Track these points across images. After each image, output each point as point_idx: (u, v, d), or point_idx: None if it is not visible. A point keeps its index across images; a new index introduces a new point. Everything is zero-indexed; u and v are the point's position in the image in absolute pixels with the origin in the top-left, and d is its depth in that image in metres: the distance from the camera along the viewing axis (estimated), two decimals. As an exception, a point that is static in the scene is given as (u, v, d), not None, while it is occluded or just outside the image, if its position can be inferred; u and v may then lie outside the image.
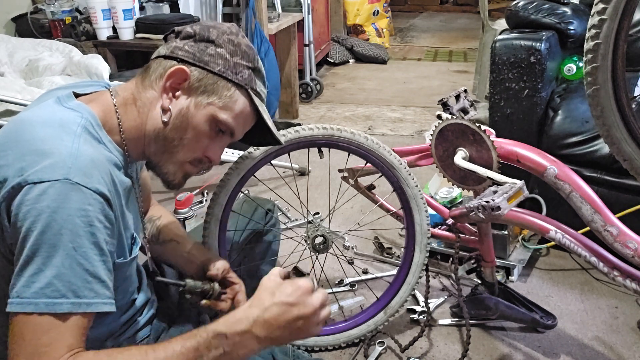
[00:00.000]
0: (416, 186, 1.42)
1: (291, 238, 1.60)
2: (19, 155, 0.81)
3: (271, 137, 1.08)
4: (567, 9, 1.99)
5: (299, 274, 0.98)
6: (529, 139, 1.85)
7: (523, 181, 1.14)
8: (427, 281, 1.53)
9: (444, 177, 1.38)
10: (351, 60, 5.05)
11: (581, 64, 2.01)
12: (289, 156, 1.44)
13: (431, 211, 1.61)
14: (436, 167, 1.39)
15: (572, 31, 1.97)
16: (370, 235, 2.07)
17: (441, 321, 1.66)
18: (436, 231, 1.67)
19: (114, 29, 2.71)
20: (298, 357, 1.18)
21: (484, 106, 2.40)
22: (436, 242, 1.90)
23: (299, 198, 1.71)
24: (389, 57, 5.10)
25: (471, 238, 1.57)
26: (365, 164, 1.46)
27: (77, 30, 2.68)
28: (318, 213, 2.28)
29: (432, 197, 1.86)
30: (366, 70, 4.80)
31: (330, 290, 1.78)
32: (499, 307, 1.55)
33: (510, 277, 1.83)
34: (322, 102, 3.91)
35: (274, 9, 3.33)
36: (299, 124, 2.18)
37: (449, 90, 2.42)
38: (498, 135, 1.38)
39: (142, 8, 2.93)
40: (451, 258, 1.46)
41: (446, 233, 1.68)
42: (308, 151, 1.43)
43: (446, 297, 1.76)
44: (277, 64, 3.28)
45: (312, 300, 0.89)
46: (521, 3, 2.02)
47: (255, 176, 1.41)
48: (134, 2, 2.70)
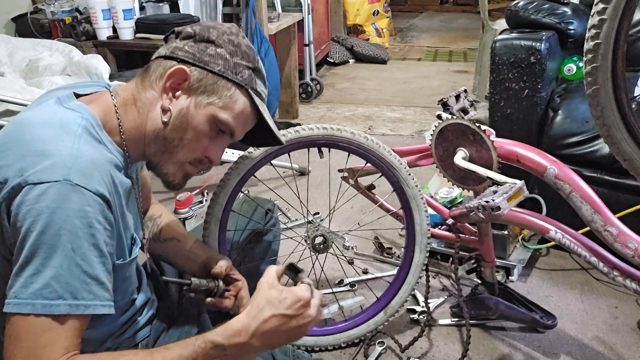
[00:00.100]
0: (416, 186, 1.42)
1: (291, 238, 1.60)
2: (19, 155, 0.81)
3: (272, 137, 1.08)
4: (567, 9, 1.99)
5: (295, 270, 1.01)
6: (529, 139, 1.85)
7: (523, 181, 1.14)
8: (427, 281, 1.53)
9: (444, 177, 1.38)
10: (351, 60, 5.05)
11: (581, 64, 2.01)
12: (289, 156, 1.44)
13: (431, 211, 1.61)
14: (436, 167, 1.39)
15: (572, 31, 1.97)
16: (370, 235, 2.07)
17: (441, 321, 1.66)
18: (436, 231, 1.67)
19: (114, 29, 2.71)
20: (298, 357, 1.18)
21: (484, 106, 2.40)
22: (436, 242, 1.90)
23: (299, 198, 1.71)
24: (389, 57, 5.10)
25: (471, 238, 1.57)
26: (365, 164, 1.46)
27: (77, 30, 2.68)
28: (318, 213, 2.28)
29: (432, 197, 1.86)
30: (366, 70, 4.80)
31: (330, 290, 1.78)
32: (499, 307, 1.55)
33: (510, 277, 1.83)
34: (322, 102, 3.91)
35: (274, 9, 3.33)
36: (299, 124, 2.18)
37: (449, 90, 2.42)
38: (498, 135, 1.38)
39: (142, 8, 2.93)
40: (451, 258, 1.46)
41: (446, 233, 1.68)
42: (308, 151, 1.43)
43: (446, 297, 1.76)
44: (277, 64, 3.28)
45: (311, 311, 0.91)
46: (521, 3, 2.02)
47: (255, 176, 1.41)
48: (134, 2, 2.70)
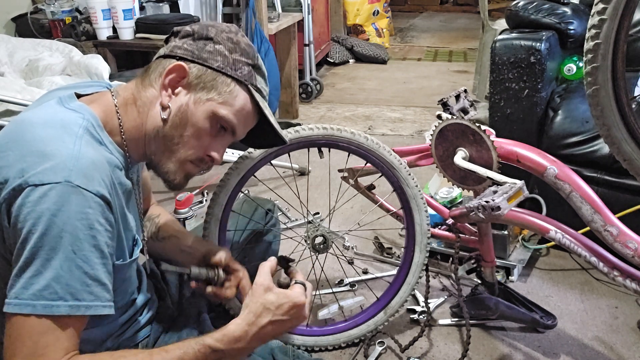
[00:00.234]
0: (416, 186, 1.42)
1: (291, 238, 1.60)
2: (20, 156, 0.81)
3: (274, 136, 1.08)
4: (567, 9, 1.99)
5: (285, 262, 1.07)
6: (529, 139, 1.85)
7: (523, 181, 1.14)
8: (427, 281, 1.53)
9: (444, 177, 1.38)
10: (351, 60, 5.05)
11: (581, 64, 2.01)
12: (289, 156, 1.44)
13: (431, 211, 1.61)
14: (436, 167, 1.39)
15: (572, 31, 1.97)
16: (370, 235, 2.07)
17: (441, 321, 1.66)
18: (436, 231, 1.67)
19: (114, 29, 2.71)
20: (298, 357, 1.18)
21: (484, 106, 2.40)
22: (436, 242, 1.90)
23: (299, 198, 1.71)
24: (389, 57, 5.10)
25: (471, 238, 1.57)
26: (365, 164, 1.46)
27: (77, 30, 2.68)
28: (318, 213, 2.28)
29: (432, 197, 1.86)
30: (366, 70, 4.80)
31: (330, 290, 1.78)
32: (499, 307, 1.55)
33: (510, 277, 1.83)
34: (322, 102, 3.91)
35: (274, 9, 3.33)
36: (299, 124, 2.18)
37: (449, 90, 2.42)
38: (498, 135, 1.38)
39: (142, 8, 2.93)
40: (451, 258, 1.46)
41: (446, 233, 1.68)
42: (308, 151, 1.42)
43: (446, 297, 1.76)
44: (277, 64, 3.28)
45: (305, 312, 0.98)
46: (521, 3, 2.02)
47: (255, 176, 1.41)
48: (134, 2, 2.70)
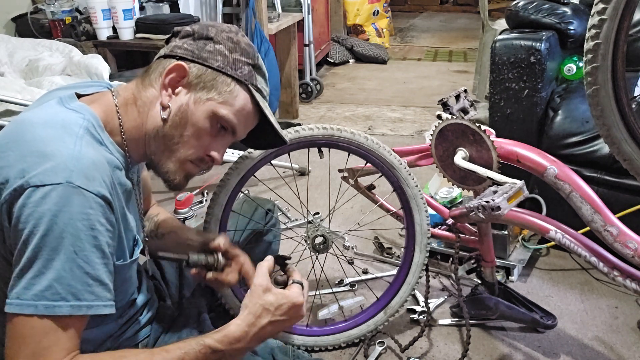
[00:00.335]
0: (416, 186, 1.42)
1: (291, 238, 1.60)
2: (20, 156, 0.81)
3: (275, 136, 1.08)
4: (567, 9, 1.99)
5: (282, 260, 1.09)
6: (529, 139, 1.85)
7: (523, 181, 1.14)
8: (427, 281, 1.53)
9: (444, 177, 1.38)
10: (351, 60, 5.05)
11: (581, 64, 2.01)
12: (289, 156, 1.44)
13: (431, 211, 1.61)
14: (436, 167, 1.39)
15: (572, 31, 1.97)
16: (370, 235, 2.07)
17: (441, 321, 1.66)
18: (436, 231, 1.67)
19: (114, 29, 2.71)
20: (298, 357, 1.18)
21: (484, 106, 2.40)
22: (436, 242, 1.90)
23: (299, 198, 1.71)
24: (389, 57, 5.10)
25: (471, 238, 1.57)
26: (365, 164, 1.46)
27: (77, 30, 2.68)
28: (318, 213, 2.28)
29: (432, 197, 1.86)
30: (366, 70, 4.80)
31: (330, 290, 1.78)
32: (499, 307, 1.55)
33: (510, 277, 1.83)
34: (322, 102, 3.91)
35: (274, 9, 3.33)
36: (299, 124, 2.18)
37: (449, 90, 2.42)
38: (498, 135, 1.38)
39: (142, 8, 2.93)
40: (451, 258, 1.46)
41: (446, 233, 1.68)
42: (308, 151, 1.43)
43: (446, 297, 1.76)
44: (277, 64, 3.28)
45: (302, 311, 0.99)
46: (521, 3, 2.02)
47: (255, 176, 1.41)
48: (134, 2, 2.70)
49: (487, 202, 1.09)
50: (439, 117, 1.36)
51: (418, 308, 1.68)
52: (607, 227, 1.17)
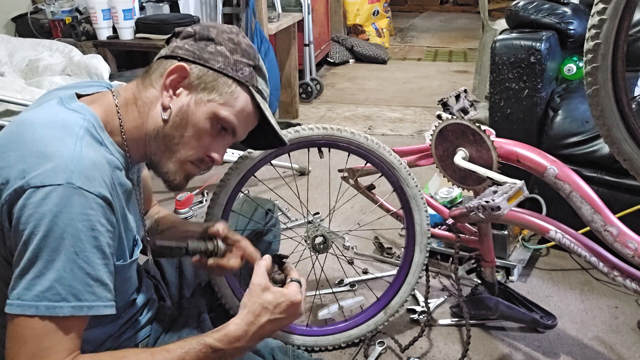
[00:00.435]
0: (416, 186, 1.42)
1: (291, 238, 1.60)
2: (21, 156, 0.81)
3: (275, 137, 1.08)
4: (567, 9, 1.99)
5: (280, 259, 1.09)
6: (529, 139, 1.85)
7: (523, 181, 1.14)
8: (427, 281, 1.53)
9: (444, 177, 1.38)
10: (351, 60, 5.05)
11: (581, 64, 2.01)
12: (289, 156, 1.44)
13: (431, 211, 1.61)
14: (436, 167, 1.39)
15: (572, 31, 1.97)
16: (370, 235, 2.07)
17: (441, 321, 1.66)
18: (436, 231, 1.67)
19: (114, 29, 2.71)
20: (298, 357, 1.18)
21: (484, 106, 2.40)
22: (436, 242, 1.90)
23: (299, 198, 1.71)
24: (389, 57, 5.10)
25: (471, 238, 1.57)
26: (365, 164, 1.46)
27: (77, 30, 2.68)
28: (318, 213, 2.28)
29: (432, 197, 1.86)
30: (366, 70, 4.80)
31: (330, 290, 1.78)
32: (499, 307, 1.55)
33: (510, 277, 1.83)
34: (322, 102, 3.91)
35: (274, 9, 3.33)
36: (299, 124, 2.18)
37: (449, 90, 2.42)
38: (498, 135, 1.38)
39: (142, 8, 2.93)
40: (451, 258, 1.46)
41: (446, 233, 1.68)
42: (308, 151, 1.43)
43: (446, 297, 1.76)
44: (277, 64, 3.28)
45: (302, 308, 1.01)
46: (521, 3, 2.02)
47: (255, 176, 1.41)
48: (134, 2, 2.70)
49: (487, 202, 1.09)
50: (439, 117, 1.36)
51: (418, 308, 1.68)
52: (607, 227, 1.17)
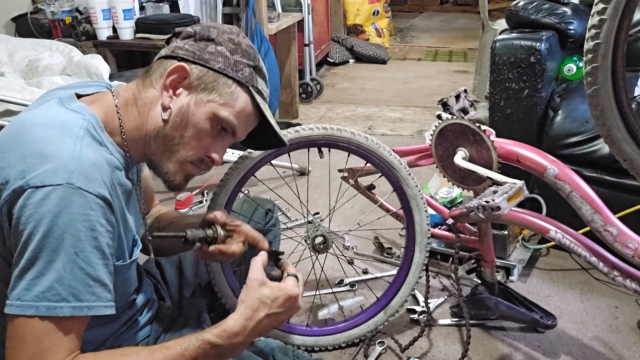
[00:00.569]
0: (416, 186, 1.42)
1: (291, 238, 1.60)
2: (20, 156, 0.81)
3: (274, 137, 1.08)
4: (567, 9, 1.99)
5: (275, 255, 1.10)
6: (529, 139, 1.85)
7: (523, 181, 1.14)
8: (427, 281, 1.53)
9: (444, 177, 1.38)
10: (351, 60, 5.05)
11: (581, 64, 2.01)
12: (289, 156, 1.44)
13: (431, 211, 1.61)
14: (436, 167, 1.39)
15: (572, 31, 1.97)
16: (370, 235, 2.07)
17: (441, 321, 1.66)
18: (436, 231, 1.67)
19: (114, 29, 2.71)
20: (298, 357, 1.18)
21: (484, 106, 2.40)
22: (436, 242, 1.90)
23: (299, 198, 1.71)
24: (389, 57, 5.10)
25: (471, 238, 1.57)
26: (365, 164, 1.46)
27: (77, 30, 2.68)
28: (318, 213, 2.28)
29: (432, 197, 1.86)
30: (366, 70, 4.80)
31: (330, 290, 1.78)
32: (499, 307, 1.55)
33: (510, 277, 1.83)
34: (322, 102, 3.91)
35: (274, 9, 3.33)
36: (299, 124, 2.18)
37: (449, 90, 2.42)
38: (498, 135, 1.38)
39: (142, 8, 2.93)
40: (451, 258, 1.46)
41: (446, 233, 1.68)
42: (308, 151, 1.43)
43: (446, 297, 1.76)
44: (277, 64, 3.28)
45: (299, 303, 1.01)
46: (521, 3, 2.02)
47: (255, 176, 1.41)
48: (134, 2, 2.70)
49: (487, 202, 1.09)
50: (439, 117, 1.36)
51: (418, 308, 1.68)
52: (607, 227, 1.17)
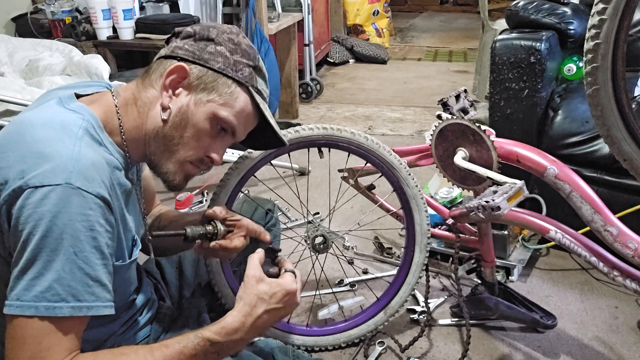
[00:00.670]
0: (416, 186, 1.42)
1: (291, 238, 1.60)
2: (20, 157, 0.81)
3: (274, 137, 1.08)
4: (567, 9, 1.99)
5: (273, 252, 1.10)
6: (529, 139, 1.85)
7: (523, 181, 1.14)
8: (427, 281, 1.53)
9: (444, 177, 1.38)
10: (351, 60, 5.05)
11: (581, 64, 2.01)
12: (289, 156, 1.44)
13: (431, 211, 1.61)
14: (436, 167, 1.39)
15: (572, 31, 1.97)
16: (370, 235, 2.07)
17: (441, 321, 1.66)
18: (436, 231, 1.67)
19: (114, 29, 2.71)
20: (298, 357, 1.18)
21: (484, 106, 2.40)
22: (436, 242, 1.90)
23: (299, 198, 1.71)
24: (389, 57, 5.10)
25: (471, 238, 1.57)
26: (365, 164, 1.46)
27: (77, 30, 2.68)
28: (318, 213, 2.28)
29: (432, 197, 1.86)
30: (366, 70, 4.80)
31: (330, 290, 1.78)
32: (499, 307, 1.55)
33: (510, 277, 1.83)
34: (322, 102, 3.91)
35: (274, 9, 3.33)
36: (299, 124, 2.18)
37: (449, 90, 2.42)
38: (498, 135, 1.38)
39: (142, 8, 2.93)
40: (451, 258, 1.46)
41: (446, 233, 1.68)
42: (308, 151, 1.43)
43: (446, 297, 1.76)
44: (277, 64, 3.28)
45: (297, 298, 1.02)
46: (521, 3, 2.02)
47: (255, 176, 1.41)
48: (134, 2, 2.70)
49: (487, 202, 1.09)
50: (439, 117, 1.36)
51: (418, 308, 1.68)
52: (607, 227, 1.17)
